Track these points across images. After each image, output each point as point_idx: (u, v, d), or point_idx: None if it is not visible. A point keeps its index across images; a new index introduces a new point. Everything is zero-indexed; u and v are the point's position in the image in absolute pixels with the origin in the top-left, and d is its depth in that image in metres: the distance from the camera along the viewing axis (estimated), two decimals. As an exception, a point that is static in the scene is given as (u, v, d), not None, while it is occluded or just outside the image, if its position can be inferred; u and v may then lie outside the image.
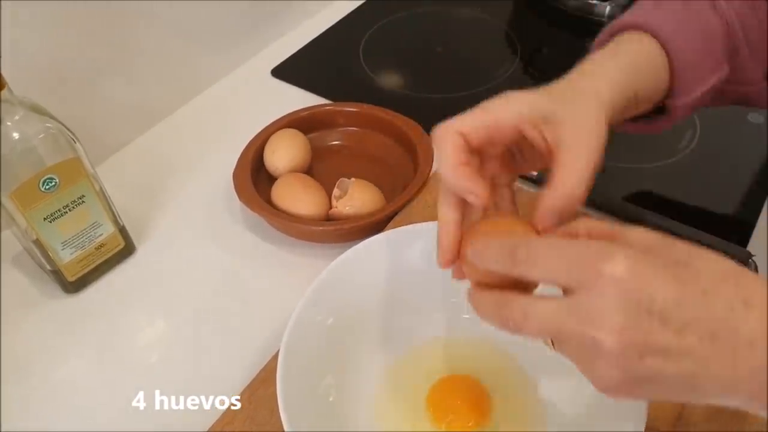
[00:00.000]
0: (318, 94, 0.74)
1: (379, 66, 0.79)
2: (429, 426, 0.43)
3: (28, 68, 0.54)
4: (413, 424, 0.43)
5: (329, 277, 0.45)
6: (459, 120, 0.36)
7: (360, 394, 0.44)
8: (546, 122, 0.36)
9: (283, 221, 0.56)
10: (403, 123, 0.64)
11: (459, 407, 0.43)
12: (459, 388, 0.44)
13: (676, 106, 0.46)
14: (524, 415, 0.43)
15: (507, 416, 0.43)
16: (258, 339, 0.50)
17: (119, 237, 0.56)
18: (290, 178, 0.59)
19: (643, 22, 0.44)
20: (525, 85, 0.77)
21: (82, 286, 0.55)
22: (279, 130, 0.63)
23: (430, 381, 0.45)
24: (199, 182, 0.65)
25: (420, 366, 0.46)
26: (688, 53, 0.44)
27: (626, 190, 0.62)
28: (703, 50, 0.44)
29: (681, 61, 0.43)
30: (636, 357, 0.27)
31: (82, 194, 0.51)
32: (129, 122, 0.69)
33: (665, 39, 0.43)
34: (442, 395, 0.44)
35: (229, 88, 0.76)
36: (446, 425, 0.42)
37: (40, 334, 0.53)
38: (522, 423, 0.43)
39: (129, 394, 0.48)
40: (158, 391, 0.48)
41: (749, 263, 0.54)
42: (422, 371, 0.45)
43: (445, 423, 0.43)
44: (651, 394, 0.30)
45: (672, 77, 0.44)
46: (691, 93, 0.45)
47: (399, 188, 0.60)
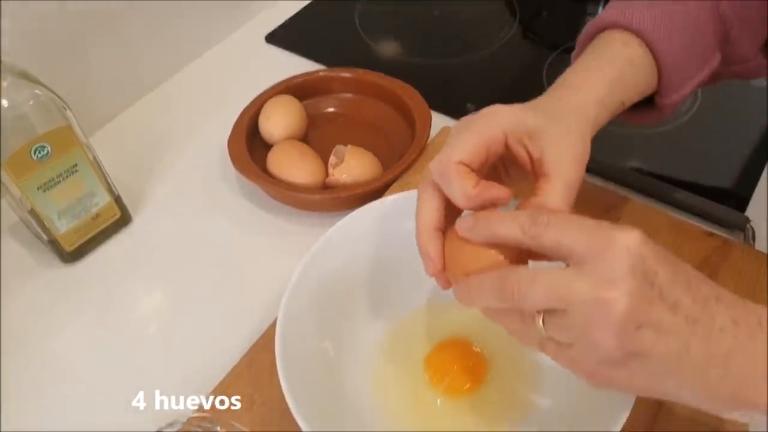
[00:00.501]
0: (313, 60, 0.73)
1: (375, 31, 0.78)
2: (426, 389, 0.43)
3: (16, 37, 0.53)
4: (411, 387, 0.43)
5: (327, 244, 0.45)
6: (455, 151, 0.35)
7: (357, 358, 0.44)
8: (530, 138, 0.36)
9: (280, 190, 0.56)
10: (400, 89, 0.63)
11: (456, 371, 0.44)
12: (456, 353, 0.45)
13: (665, 104, 0.45)
14: (519, 379, 0.43)
15: (502, 380, 0.43)
16: (255, 307, 0.51)
17: (115, 207, 0.56)
18: (286, 145, 0.59)
19: (627, 21, 0.42)
20: (524, 49, 0.76)
21: (80, 255, 0.55)
22: (274, 97, 0.62)
23: (428, 345, 0.45)
24: (193, 151, 0.64)
25: (417, 331, 0.46)
26: (676, 52, 0.42)
27: (626, 156, 0.62)
28: (692, 45, 0.43)
29: (669, 62, 0.42)
30: (633, 327, 0.28)
31: (75, 163, 0.50)
32: (120, 92, 0.68)
33: (651, 39, 0.42)
34: (440, 359, 0.44)
35: (222, 55, 0.75)
36: (443, 388, 0.43)
37: (38, 303, 0.53)
38: (517, 386, 0.43)
39: (127, 363, 0.49)
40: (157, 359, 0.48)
41: (746, 229, 0.54)
42: (420, 336, 0.46)
43: (442, 386, 0.43)
44: (631, 378, 0.30)
45: (660, 78, 0.43)
46: (681, 90, 0.44)
47: (396, 155, 0.59)
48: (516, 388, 0.43)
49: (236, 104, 0.62)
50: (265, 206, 0.59)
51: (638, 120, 0.47)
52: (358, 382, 0.43)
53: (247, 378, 0.45)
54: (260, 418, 0.43)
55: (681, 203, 0.56)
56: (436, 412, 0.43)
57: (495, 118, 0.36)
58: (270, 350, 0.41)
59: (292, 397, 0.37)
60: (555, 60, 0.72)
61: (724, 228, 0.55)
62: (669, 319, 0.28)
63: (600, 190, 0.56)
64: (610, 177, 0.58)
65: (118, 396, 0.47)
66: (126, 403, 0.46)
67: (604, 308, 0.28)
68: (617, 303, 0.28)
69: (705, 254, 0.51)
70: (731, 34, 0.45)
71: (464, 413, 0.42)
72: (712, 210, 0.55)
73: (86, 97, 0.60)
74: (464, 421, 0.42)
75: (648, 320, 0.28)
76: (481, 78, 0.72)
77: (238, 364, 0.46)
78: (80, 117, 0.49)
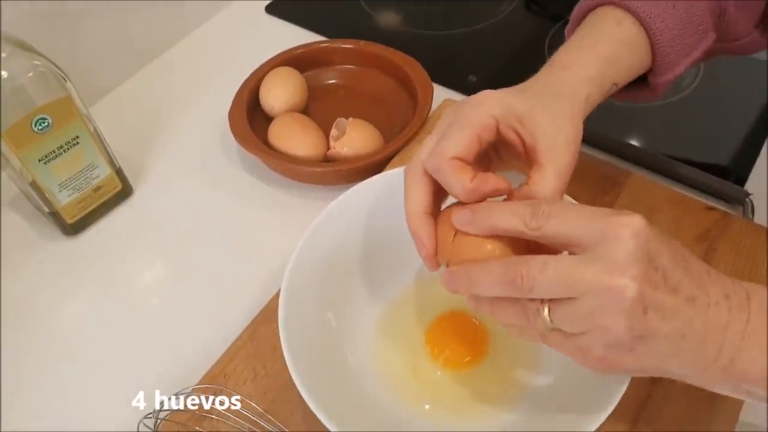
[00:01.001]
0: (314, 31, 0.72)
1: (377, 1, 0.76)
2: (427, 362, 0.44)
3: (15, 7, 0.52)
4: (410, 358, 0.44)
5: (329, 217, 0.45)
6: (448, 146, 0.35)
7: (359, 329, 0.45)
8: (521, 123, 0.36)
9: (281, 162, 0.56)
10: (402, 60, 0.62)
11: (456, 344, 0.44)
12: (456, 326, 0.45)
13: (658, 83, 0.44)
14: (521, 352, 0.44)
15: (504, 353, 0.44)
16: (257, 280, 0.51)
17: (116, 179, 0.55)
18: (287, 117, 0.59)
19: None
20: (527, 21, 0.75)
21: (81, 228, 0.55)
22: (274, 69, 0.62)
23: (429, 316, 0.45)
24: (194, 123, 0.64)
25: (419, 303, 0.46)
26: (671, 30, 0.41)
27: (627, 129, 0.61)
28: (686, 23, 0.42)
29: (663, 41, 0.41)
30: (641, 311, 0.29)
31: (76, 135, 0.50)
32: (119, 63, 0.67)
33: (645, 18, 0.41)
34: (440, 332, 0.45)
35: (222, 26, 0.74)
36: (443, 361, 0.44)
37: (40, 276, 0.53)
38: (519, 359, 0.44)
39: (129, 337, 0.49)
40: (160, 332, 0.49)
41: (746, 203, 0.54)
42: (421, 309, 0.46)
43: (442, 359, 0.44)
44: (637, 360, 0.30)
45: (654, 57, 0.42)
46: (675, 69, 0.43)
47: (397, 127, 0.59)
48: (516, 362, 0.43)
49: (236, 75, 0.62)
50: (266, 179, 0.59)
51: (631, 99, 0.46)
52: (361, 353, 0.44)
53: (250, 350, 0.45)
54: (263, 389, 0.43)
55: (681, 177, 0.56)
56: (436, 382, 0.43)
57: (484, 106, 0.36)
58: (272, 322, 0.41)
59: (295, 369, 0.38)
60: (557, 32, 0.71)
61: (723, 202, 0.55)
62: (672, 300, 0.29)
63: (602, 164, 0.56)
64: (611, 151, 0.58)
65: (120, 367, 0.47)
66: (128, 374, 0.47)
67: (614, 295, 0.28)
68: (627, 289, 0.28)
69: (705, 228, 0.51)
70: (727, 11, 0.44)
71: (464, 383, 0.43)
72: (712, 184, 0.55)
73: (85, 69, 0.59)
74: (463, 392, 0.43)
75: (654, 303, 0.29)
76: (483, 50, 0.71)
77: (240, 336, 0.46)
78: (79, 88, 0.49)
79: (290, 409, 0.42)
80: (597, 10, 0.43)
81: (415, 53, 0.63)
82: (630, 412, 0.41)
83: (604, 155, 0.58)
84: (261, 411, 0.41)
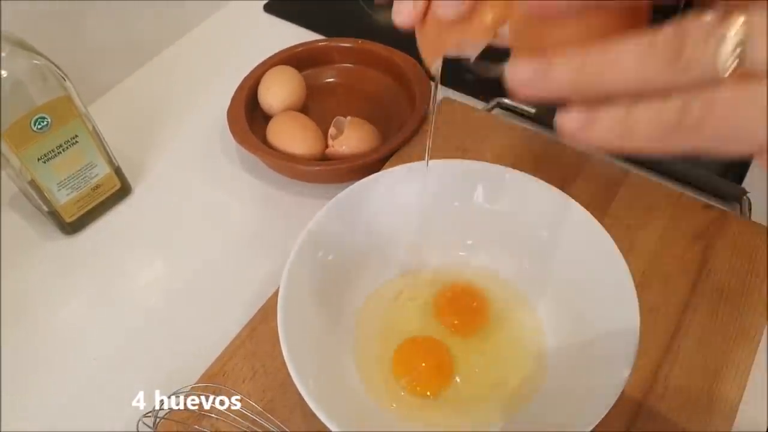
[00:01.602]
0: (312, 30, 0.72)
1: None
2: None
3: (14, 6, 0.52)
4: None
5: (327, 216, 0.45)
6: None
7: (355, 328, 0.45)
8: None
9: (279, 161, 0.56)
10: (400, 59, 0.62)
11: (419, 372, 0.43)
12: (424, 352, 0.44)
13: None
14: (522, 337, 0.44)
15: (506, 339, 0.44)
16: (256, 278, 0.51)
17: (115, 178, 0.56)
18: (285, 116, 0.59)
19: None
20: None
21: (80, 227, 0.55)
22: (273, 68, 0.62)
23: (429, 312, 0.46)
24: (193, 122, 0.64)
25: (417, 299, 0.47)
26: None
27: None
28: None
29: None
30: None
31: (75, 134, 0.50)
32: (117, 62, 0.67)
33: None
34: (406, 356, 0.44)
35: (220, 25, 0.74)
36: (404, 385, 0.43)
37: (39, 275, 0.53)
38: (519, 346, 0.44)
39: (128, 336, 0.49)
40: (159, 330, 0.49)
41: (743, 201, 0.54)
42: (420, 303, 0.46)
43: (404, 381, 0.43)
44: None
45: None
46: None
47: (395, 126, 0.59)
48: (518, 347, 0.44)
49: (235, 74, 0.62)
50: (265, 177, 0.59)
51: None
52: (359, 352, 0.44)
53: (249, 348, 0.45)
54: (262, 388, 0.43)
55: (679, 176, 0.56)
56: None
57: None
58: (271, 320, 0.41)
59: (294, 367, 0.38)
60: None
61: (721, 200, 0.55)
62: None
63: (601, 164, 0.56)
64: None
65: (119, 366, 0.48)
66: (127, 373, 0.47)
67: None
68: None
69: (702, 226, 0.51)
70: None
71: (463, 383, 0.43)
72: (710, 182, 0.55)
73: (84, 67, 0.59)
74: (463, 391, 0.43)
75: None
76: (481, 48, 0.71)
77: (239, 335, 0.46)
78: (78, 86, 0.49)
79: (289, 407, 0.42)
80: None
81: (413, 51, 0.63)
82: (626, 413, 0.41)
83: (602, 154, 0.58)
84: (260, 410, 0.41)
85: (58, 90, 0.48)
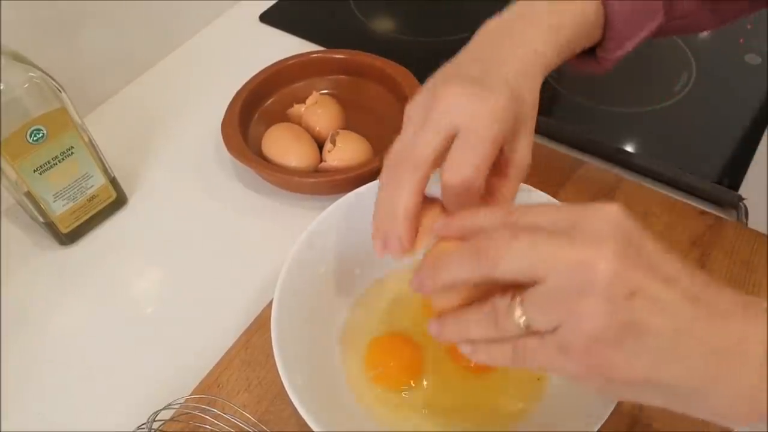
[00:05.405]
0: (308, 40, 0.72)
1: (371, 8, 0.77)
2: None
3: (9, 18, 0.52)
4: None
5: (321, 226, 0.45)
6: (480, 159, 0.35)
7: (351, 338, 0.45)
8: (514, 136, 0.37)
9: (273, 173, 0.56)
10: (394, 70, 0.63)
11: (389, 366, 0.44)
12: (393, 349, 0.45)
13: (606, 58, 0.43)
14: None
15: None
16: (250, 289, 0.51)
17: (110, 188, 0.56)
18: (280, 128, 0.59)
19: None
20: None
21: (76, 237, 0.55)
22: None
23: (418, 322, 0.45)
24: (188, 133, 0.64)
25: (411, 309, 0.47)
26: (625, 7, 0.41)
27: (620, 135, 0.62)
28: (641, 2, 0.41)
29: (617, 20, 0.41)
30: (624, 294, 0.26)
31: (71, 145, 0.50)
32: (113, 73, 0.68)
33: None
34: (376, 355, 0.44)
35: (215, 35, 0.74)
36: (373, 378, 0.43)
37: (35, 285, 0.53)
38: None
39: (123, 347, 0.49)
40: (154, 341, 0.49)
41: (740, 207, 0.54)
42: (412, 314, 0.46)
43: (373, 375, 0.43)
44: (630, 362, 0.27)
45: (605, 33, 0.42)
46: (623, 47, 0.43)
47: (389, 137, 0.59)
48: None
49: (230, 84, 0.62)
50: (260, 189, 0.59)
51: (577, 67, 0.45)
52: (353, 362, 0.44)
53: (244, 359, 0.45)
54: (257, 399, 0.43)
55: (674, 182, 0.56)
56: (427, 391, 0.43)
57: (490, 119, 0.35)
58: (266, 331, 0.41)
59: (288, 378, 0.38)
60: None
61: (717, 206, 0.55)
62: (664, 292, 0.26)
63: (594, 170, 0.56)
64: (605, 156, 0.58)
65: (114, 376, 0.47)
66: (122, 383, 0.47)
67: (587, 270, 0.26)
68: (601, 262, 0.26)
69: (698, 232, 0.51)
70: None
71: (459, 389, 0.43)
72: (706, 188, 0.55)
73: (79, 78, 0.59)
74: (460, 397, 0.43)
75: (639, 288, 0.26)
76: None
77: (234, 345, 0.46)
78: (74, 98, 0.49)
79: (284, 418, 0.42)
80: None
81: (408, 60, 0.63)
82: (627, 415, 0.41)
83: (597, 161, 0.58)
84: (255, 421, 0.41)
85: (53, 102, 0.48)
